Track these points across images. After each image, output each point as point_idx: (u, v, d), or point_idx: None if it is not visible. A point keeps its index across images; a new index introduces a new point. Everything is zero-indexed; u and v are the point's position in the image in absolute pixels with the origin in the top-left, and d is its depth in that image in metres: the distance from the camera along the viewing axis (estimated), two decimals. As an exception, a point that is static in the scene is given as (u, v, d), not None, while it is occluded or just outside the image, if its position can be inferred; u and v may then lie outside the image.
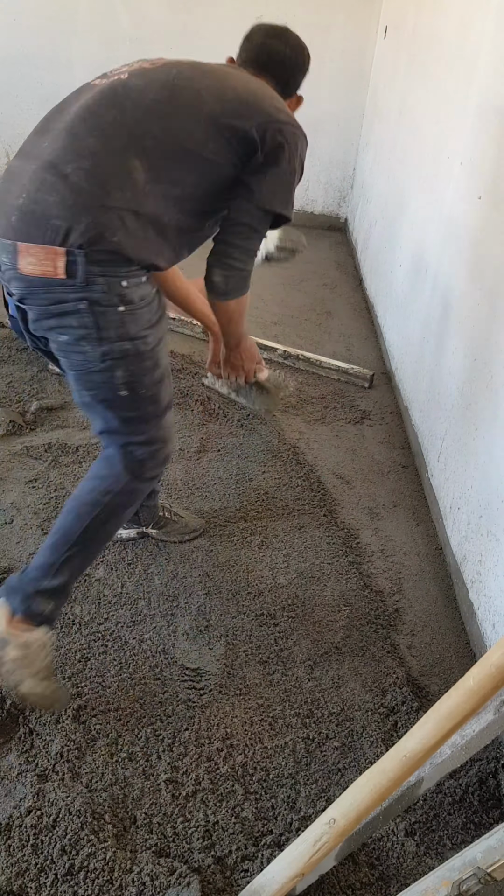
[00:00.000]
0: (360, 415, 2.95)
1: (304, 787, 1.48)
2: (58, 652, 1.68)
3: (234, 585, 1.97)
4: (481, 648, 1.81)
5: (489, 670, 0.87)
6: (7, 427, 2.48)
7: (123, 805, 1.39)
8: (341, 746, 1.57)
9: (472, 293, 2.21)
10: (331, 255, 5.00)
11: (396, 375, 3.18)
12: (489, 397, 1.95)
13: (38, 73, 5.18)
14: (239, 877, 1.30)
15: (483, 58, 2.34)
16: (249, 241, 1.51)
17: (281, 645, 1.80)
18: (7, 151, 5.45)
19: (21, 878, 1.25)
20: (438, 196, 2.74)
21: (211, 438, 2.63)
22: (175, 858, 1.31)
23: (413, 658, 1.84)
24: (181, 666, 1.70)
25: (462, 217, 2.40)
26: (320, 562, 2.10)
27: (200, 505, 2.27)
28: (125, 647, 1.73)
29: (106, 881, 1.25)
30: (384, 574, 2.11)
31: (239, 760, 1.50)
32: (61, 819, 1.33)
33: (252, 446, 2.61)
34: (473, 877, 0.88)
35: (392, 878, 1.34)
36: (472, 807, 1.47)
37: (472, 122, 2.39)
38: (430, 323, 2.68)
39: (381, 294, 3.81)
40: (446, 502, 2.24)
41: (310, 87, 1.86)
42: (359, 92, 5.15)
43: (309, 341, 3.61)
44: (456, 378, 2.27)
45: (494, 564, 1.78)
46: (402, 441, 2.81)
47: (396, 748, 0.96)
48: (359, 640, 1.85)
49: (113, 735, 1.52)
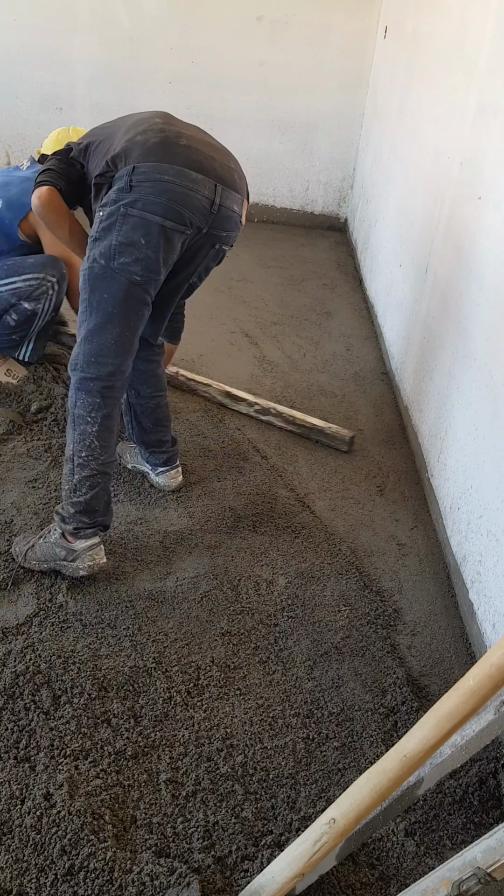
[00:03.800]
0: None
1: (304, 787, 1.48)
2: (60, 648, 1.68)
3: (234, 585, 1.97)
4: (481, 648, 1.81)
5: (489, 670, 0.87)
6: (7, 427, 2.48)
7: (123, 805, 1.39)
8: (341, 746, 1.57)
9: (472, 293, 2.20)
10: (331, 255, 5.00)
11: (396, 375, 3.18)
12: (489, 397, 1.95)
13: (38, 73, 5.18)
14: (239, 877, 1.30)
15: (483, 58, 2.34)
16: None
17: (281, 645, 1.80)
18: (7, 151, 5.44)
19: (21, 878, 1.25)
20: (438, 196, 2.74)
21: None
22: (175, 858, 1.31)
23: (413, 658, 1.84)
24: (181, 666, 1.70)
25: (462, 217, 2.40)
26: (320, 562, 2.10)
27: (200, 504, 2.27)
28: (124, 648, 1.73)
29: (106, 881, 1.25)
30: (384, 574, 2.11)
31: (239, 760, 1.51)
32: (61, 819, 1.33)
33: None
34: (473, 877, 0.88)
35: (392, 878, 1.34)
36: (472, 807, 1.47)
37: (472, 122, 2.39)
38: (430, 323, 2.68)
39: (381, 294, 3.81)
40: (446, 502, 2.24)
41: (310, 87, 1.89)
42: (359, 92, 5.15)
43: (309, 341, 3.61)
44: (456, 378, 2.27)
45: (494, 564, 1.78)
46: (402, 441, 2.81)
47: (396, 748, 0.96)
48: (359, 640, 1.85)
49: (113, 735, 1.52)
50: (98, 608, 1.83)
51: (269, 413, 2.72)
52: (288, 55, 5.04)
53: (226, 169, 1.84)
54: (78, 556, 1.85)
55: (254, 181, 5.50)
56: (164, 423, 2.28)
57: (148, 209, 1.72)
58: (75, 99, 5.26)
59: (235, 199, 1.87)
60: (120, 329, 1.78)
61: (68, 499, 1.85)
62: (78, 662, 1.66)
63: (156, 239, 1.74)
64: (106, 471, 1.86)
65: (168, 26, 5.01)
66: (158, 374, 2.23)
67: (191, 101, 5.22)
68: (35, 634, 1.72)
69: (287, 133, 5.31)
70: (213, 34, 5.01)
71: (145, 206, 1.72)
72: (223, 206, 1.83)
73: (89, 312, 1.78)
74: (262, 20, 4.93)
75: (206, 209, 1.80)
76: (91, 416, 1.81)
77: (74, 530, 1.84)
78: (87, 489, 1.83)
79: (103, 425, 1.82)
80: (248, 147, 5.37)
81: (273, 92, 5.16)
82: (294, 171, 5.48)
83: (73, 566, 1.86)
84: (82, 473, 1.83)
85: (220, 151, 1.90)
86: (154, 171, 1.71)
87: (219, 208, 1.82)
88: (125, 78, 5.17)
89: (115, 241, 1.73)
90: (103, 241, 1.75)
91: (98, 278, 1.76)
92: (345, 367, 3.38)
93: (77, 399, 1.82)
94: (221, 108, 5.24)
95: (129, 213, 1.72)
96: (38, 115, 5.28)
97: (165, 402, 2.27)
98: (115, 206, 1.73)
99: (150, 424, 2.25)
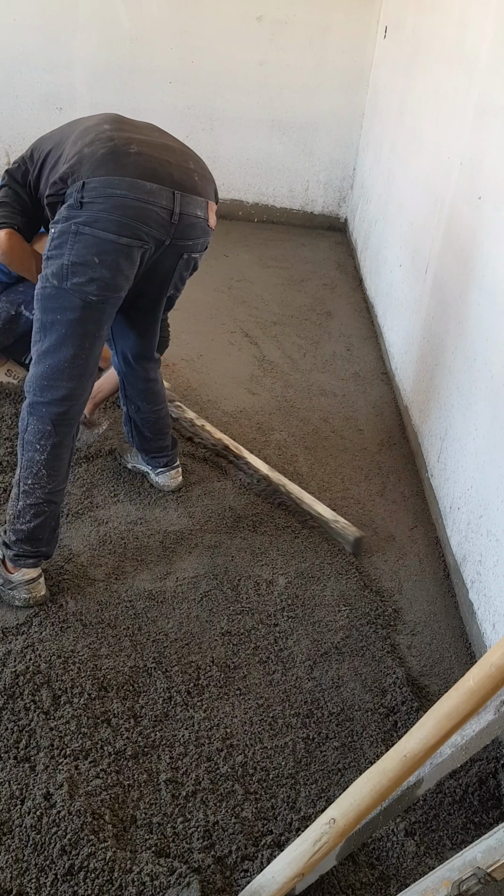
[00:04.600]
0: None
1: (304, 787, 1.48)
2: (60, 648, 1.68)
3: (234, 585, 1.97)
4: (481, 648, 1.81)
5: (489, 670, 0.87)
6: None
7: (123, 805, 1.39)
8: (341, 746, 1.57)
9: (472, 293, 2.21)
10: (331, 255, 5.00)
11: (396, 375, 3.18)
12: (489, 397, 1.95)
13: (38, 73, 5.18)
14: (239, 877, 1.30)
15: (483, 58, 2.34)
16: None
17: (281, 645, 1.80)
18: (7, 151, 5.44)
19: (21, 878, 1.25)
20: (438, 196, 2.74)
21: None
22: (175, 858, 1.31)
23: (413, 658, 1.84)
24: (181, 666, 1.70)
25: (462, 217, 2.40)
26: (320, 562, 2.10)
27: (200, 504, 2.27)
28: (124, 647, 1.73)
29: (106, 881, 1.25)
30: (384, 574, 2.11)
31: (239, 760, 1.51)
32: (61, 819, 1.33)
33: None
34: (473, 877, 0.88)
35: (392, 878, 1.34)
36: (472, 807, 1.47)
37: (472, 122, 2.39)
38: (430, 323, 2.68)
39: (381, 294, 3.81)
40: (446, 502, 2.24)
41: (310, 87, 1.88)
42: (359, 92, 5.15)
43: (309, 341, 3.61)
44: (456, 378, 2.27)
45: (494, 564, 1.78)
46: (402, 441, 2.82)
47: (396, 748, 0.96)
48: (359, 640, 1.85)
49: (113, 735, 1.52)
50: (98, 608, 1.83)
51: (279, 491, 2.33)
52: (288, 55, 5.03)
53: (184, 171, 1.72)
54: (15, 587, 1.78)
55: (254, 181, 5.50)
56: (165, 431, 2.25)
57: (100, 227, 1.62)
58: (75, 99, 5.26)
59: (199, 204, 1.75)
60: (74, 351, 1.68)
61: (11, 525, 1.77)
62: (78, 662, 1.66)
63: (111, 257, 1.65)
64: (53, 500, 1.77)
65: (168, 26, 5.00)
66: (157, 390, 2.17)
67: (191, 101, 5.22)
68: (35, 634, 1.72)
69: (287, 133, 5.31)
70: (213, 34, 5.01)
71: (97, 224, 1.62)
72: (185, 213, 1.72)
73: (42, 333, 1.69)
74: (262, 20, 4.93)
75: (166, 220, 1.70)
76: (40, 443, 1.72)
77: (15, 557, 1.77)
78: (31, 517, 1.74)
79: (52, 454, 1.73)
80: (248, 147, 5.38)
81: (273, 92, 5.16)
82: (294, 171, 5.48)
83: (10, 594, 1.79)
84: (27, 501, 1.74)
85: (176, 152, 1.76)
86: (104, 185, 1.62)
87: (180, 217, 1.71)
88: (125, 78, 5.16)
89: (66, 260, 1.64)
90: (55, 260, 1.65)
91: (50, 298, 1.67)
92: (345, 367, 3.38)
93: (28, 423, 1.73)
94: (221, 108, 5.24)
95: (81, 231, 1.63)
96: (38, 115, 5.27)
97: (166, 412, 2.24)
98: (67, 223, 1.64)
99: (151, 434, 2.22)
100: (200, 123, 5.30)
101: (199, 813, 1.39)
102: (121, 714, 1.56)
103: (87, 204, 1.62)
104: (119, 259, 1.66)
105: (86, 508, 2.18)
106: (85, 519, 2.14)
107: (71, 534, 2.07)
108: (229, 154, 5.32)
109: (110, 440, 2.51)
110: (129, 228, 1.64)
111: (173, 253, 1.81)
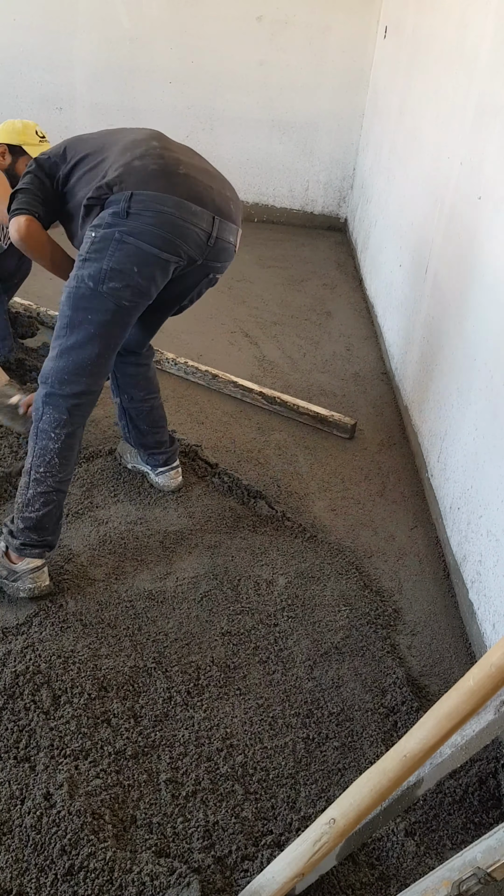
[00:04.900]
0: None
1: (304, 787, 1.48)
2: (60, 648, 1.68)
3: (234, 585, 1.97)
4: (481, 648, 1.81)
5: (489, 670, 0.87)
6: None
7: (123, 805, 1.39)
8: (341, 746, 1.57)
9: (472, 293, 2.21)
10: (331, 255, 5.00)
11: (396, 375, 3.18)
12: (489, 397, 1.95)
13: (38, 73, 5.18)
14: (239, 877, 1.30)
15: (483, 58, 2.34)
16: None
17: (281, 645, 1.80)
18: (7, 151, 5.44)
19: (21, 878, 1.25)
20: (438, 196, 2.74)
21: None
22: (175, 858, 1.31)
23: (413, 658, 1.84)
24: (181, 666, 1.70)
25: (462, 217, 2.40)
26: (320, 562, 2.10)
27: (200, 504, 2.27)
28: (124, 648, 1.73)
29: (106, 881, 1.25)
30: (384, 574, 2.11)
31: (239, 760, 1.51)
32: (61, 819, 1.33)
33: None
34: (473, 877, 0.88)
35: (392, 878, 1.34)
36: (472, 807, 1.47)
37: (472, 122, 2.39)
38: (430, 323, 2.68)
39: (381, 294, 3.81)
40: (446, 502, 2.24)
41: (310, 87, 1.89)
42: (359, 92, 5.15)
43: (309, 341, 3.61)
44: (456, 378, 2.27)
45: (494, 564, 1.78)
46: (402, 441, 2.82)
47: (396, 748, 0.96)
48: (359, 640, 1.85)
49: (113, 735, 1.52)
50: (98, 608, 1.83)
51: (275, 402, 2.86)
52: (288, 55, 5.04)
53: (223, 199, 1.83)
54: (19, 578, 1.80)
55: (254, 181, 5.50)
56: (161, 424, 2.27)
57: (145, 239, 1.70)
58: (75, 99, 5.26)
59: (231, 230, 1.87)
60: (99, 350, 1.76)
61: (20, 513, 1.80)
62: (78, 662, 1.66)
63: (150, 269, 1.73)
64: (62, 489, 1.82)
65: (168, 26, 5.01)
66: (150, 377, 2.22)
67: (191, 101, 5.22)
68: (35, 634, 1.72)
69: (287, 133, 5.31)
70: (213, 34, 5.01)
71: (142, 236, 1.70)
72: (220, 238, 1.83)
73: (69, 329, 1.75)
74: (262, 20, 4.94)
75: (203, 242, 1.80)
76: (55, 431, 1.77)
77: (21, 546, 1.79)
78: (40, 505, 1.78)
79: (66, 443, 1.79)
80: (248, 147, 5.38)
81: (273, 92, 5.17)
82: (294, 171, 5.48)
83: (14, 586, 1.81)
84: (38, 489, 1.78)
85: (217, 179, 1.87)
86: (153, 200, 1.69)
87: (216, 241, 1.82)
88: (125, 78, 5.17)
89: (106, 265, 1.71)
90: (93, 263, 1.72)
91: (84, 298, 1.73)
92: (345, 367, 3.38)
93: (43, 413, 1.78)
94: (221, 108, 5.25)
95: (125, 240, 1.70)
96: (38, 115, 5.27)
97: (160, 404, 2.27)
98: (111, 230, 1.70)
99: (147, 427, 2.24)
100: (200, 123, 5.31)
101: (199, 813, 1.39)
102: (121, 714, 1.56)
103: (133, 215, 1.70)
104: (156, 271, 1.75)
105: (86, 508, 2.18)
106: (85, 519, 2.14)
107: (71, 534, 2.07)
108: (229, 154, 5.32)
109: (111, 440, 2.52)
110: (171, 245, 1.73)
111: (201, 271, 1.91)
